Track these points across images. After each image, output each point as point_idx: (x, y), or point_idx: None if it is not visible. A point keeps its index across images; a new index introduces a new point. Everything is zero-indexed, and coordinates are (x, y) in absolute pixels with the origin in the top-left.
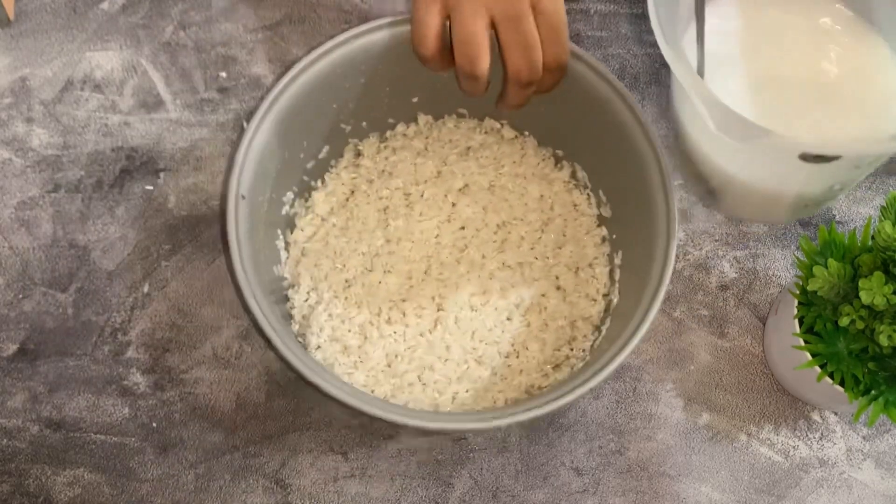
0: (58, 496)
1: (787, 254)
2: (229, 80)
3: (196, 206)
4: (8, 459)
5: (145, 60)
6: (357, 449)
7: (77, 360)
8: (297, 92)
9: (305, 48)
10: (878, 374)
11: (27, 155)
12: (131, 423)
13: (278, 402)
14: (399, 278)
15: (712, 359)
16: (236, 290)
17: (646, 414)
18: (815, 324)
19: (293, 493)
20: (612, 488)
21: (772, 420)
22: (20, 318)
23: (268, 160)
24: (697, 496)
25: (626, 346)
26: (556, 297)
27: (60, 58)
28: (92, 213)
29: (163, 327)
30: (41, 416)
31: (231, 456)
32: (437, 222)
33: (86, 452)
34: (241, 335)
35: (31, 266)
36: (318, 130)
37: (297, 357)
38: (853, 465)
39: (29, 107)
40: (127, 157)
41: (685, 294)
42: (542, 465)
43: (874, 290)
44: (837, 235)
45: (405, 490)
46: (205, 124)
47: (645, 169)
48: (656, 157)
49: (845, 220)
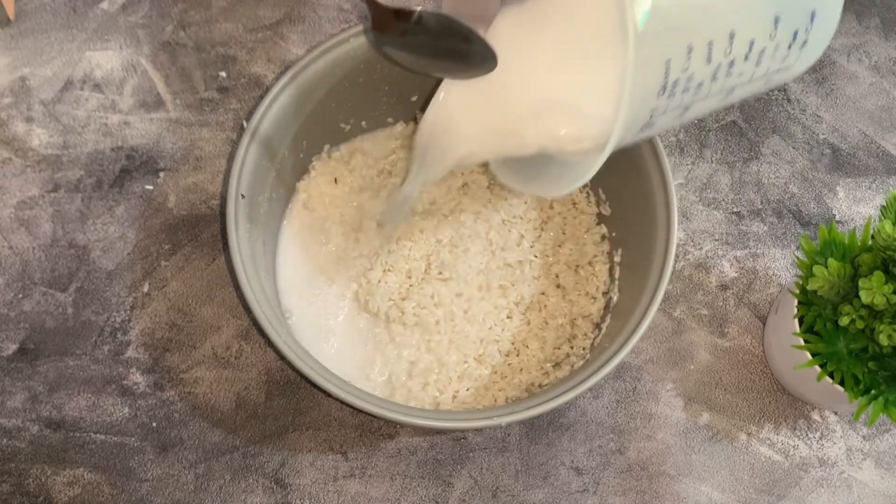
0: (58, 496)
1: (787, 253)
2: (229, 80)
3: (196, 205)
4: (8, 459)
5: (145, 60)
6: (357, 448)
7: (77, 360)
8: (296, 91)
9: (305, 48)
10: (878, 374)
11: (27, 155)
12: (131, 422)
13: (278, 401)
14: (399, 277)
15: (712, 358)
16: (236, 290)
17: (646, 413)
18: (815, 323)
19: (293, 493)
20: (612, 488)
21: (772, 420)
22: (20, 318)
23: (268, 160)
24: (697, 496)
25: (626, 343)
26: (555, 296)
27: (60, 57)
28: (92, 212)
29: (163, 327)
30: (41, 415)
31: (231, 456)
32: (436, 221)
33: (86, 452)
34: (241, 335)
35: (30, 266)
36: (317, 130)
37: (297, 356)
38: (853, 465)
39: (29, 106)
40: (127, 156)
41: (685, 293)
42: (542, 465)
43: (874, 290)
44: (837, 235)
45: (405, 489)
46: (205, 124)
47: (644, 167)
48: (656, 155)
49: (845, 219)
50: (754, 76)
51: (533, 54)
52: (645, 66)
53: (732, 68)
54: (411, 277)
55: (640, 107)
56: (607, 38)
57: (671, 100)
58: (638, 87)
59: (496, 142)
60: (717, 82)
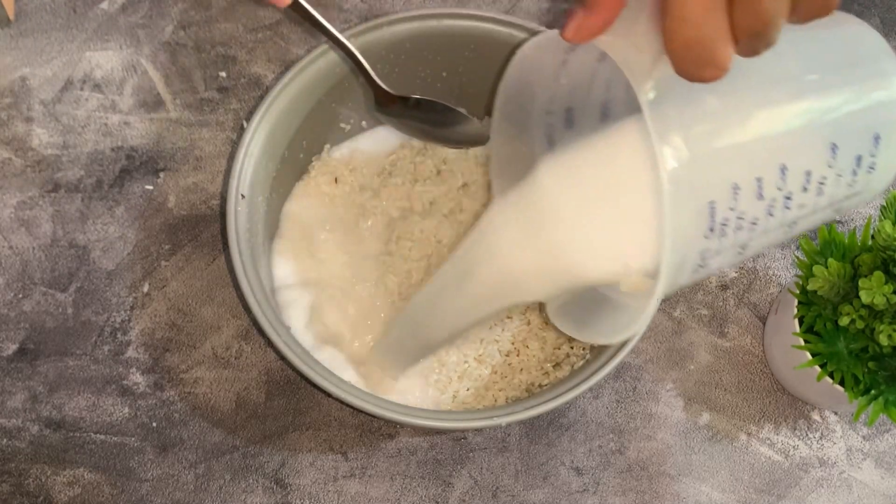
0: (58, 496)
1: (787, 253)
2: (229, 80)
3: (196, 205)
4: (8, 459)
5: (145, 60)
6: (357, 448)
7: (77, 360)
8: (296, 91)
9: (305, 48)
10: (878, 374)
11: (27, 155)
12: (131, 422)
13: (278, 401)
14: (399, 278)
15: (712, 358)
16: (236, 289)
17: (646, 413)
18: (815, 323)
19: (293, 493)
20: (612, 488)
21: (772, 420)
22: (20, 318)
23: (268, 160)
24: (697, 496)
25: (626, 343)
26: None
27: (60, 57)
28: (92, 212)
29: (163, 327)
30: (41, 415)
31: (231, 456)
32: (436, 221)
33: (86, 452)
34: (241, 335)
35: (30, 266)
36: (317, 130)
37: (297, 356)
38: (853, 465)
39: (29, 106)
40: (127, 156)
41: (685, 294)
42: (542, 465)
43: (874, 290)
44: (837, 235)
45: (405, 490)
46: (205, 124)
47: None
48: None
49: (845, 219)
50: (818, 206)
51: (577, 200)
52: (685, 208)
53: (790, 201)
54: (411, 277)
55: (687, 248)
56: (644, 184)
57: (723, 240)
58: (680, 230)
59: (553, 282)
60: (775, 217)
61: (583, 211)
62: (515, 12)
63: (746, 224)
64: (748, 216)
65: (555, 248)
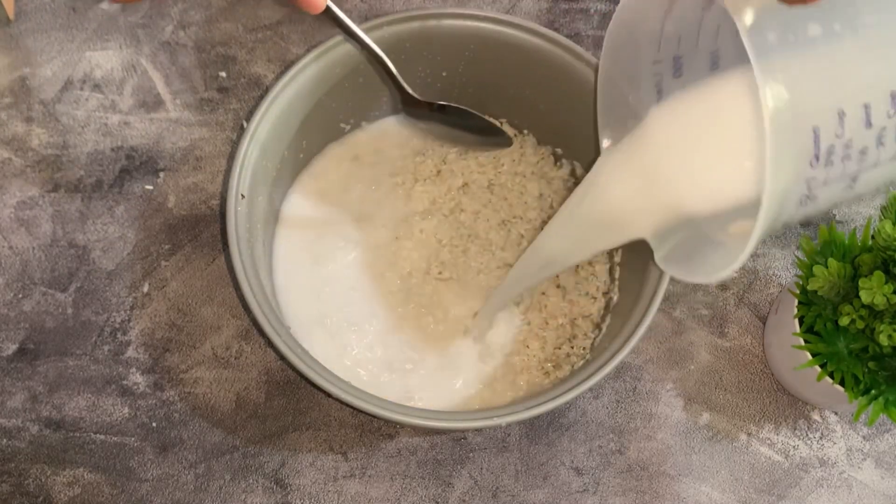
0: (58, 496)
1: (787, 253)
2: (229, 80)
3: (196, 205)
4: (8, 459)
5: (145, 60)
6: (357, 448)
7: (77, 360)
8: (296, 91)
9: (305, 47)
10: (878, 374)
11: (27, 155)
12: (131, 422)
13: (278, 401)
14: (399, 277)
15: (712, 358)
16: (236, 289)
17: (646, 413)
18: (815, 323)
19: (293, 493)
20: (612, 488)
21: (772, 420)
22: (20, 318)
23: (268, 160)
24: (697, 496)
25: (626, 343)
26: (556, 296)
27: (60, 57)
28: (92, 212)
29: (163, 327)
30: (41, 415)
31: (231, 456)
32: (436, 221)
33: (86, 452)
34: (241, 335)
35: (30, 266)
36: (317, 130)
37: (297, 356)
38: (853, 465)
39: (29, 106)
40: (127, 156)
41: (685, 293)
42: (542, 465)
43: (874, 290)
44: (837, 235)
45: (405, 490)
46: (204, 124)
47: None
48: None
49: (845, 219)
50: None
51: (686, 142)
52: (786, 133)
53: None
54: (411, 277)
55: (790, 176)
56: (749, 114)
57: (830, 169)
58: (783, 156)
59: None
60: (886, 148)
61: (692, 150)
62: (515, 12)
63: (854, 153)
64: (856, 144)
65: (666, 186)
